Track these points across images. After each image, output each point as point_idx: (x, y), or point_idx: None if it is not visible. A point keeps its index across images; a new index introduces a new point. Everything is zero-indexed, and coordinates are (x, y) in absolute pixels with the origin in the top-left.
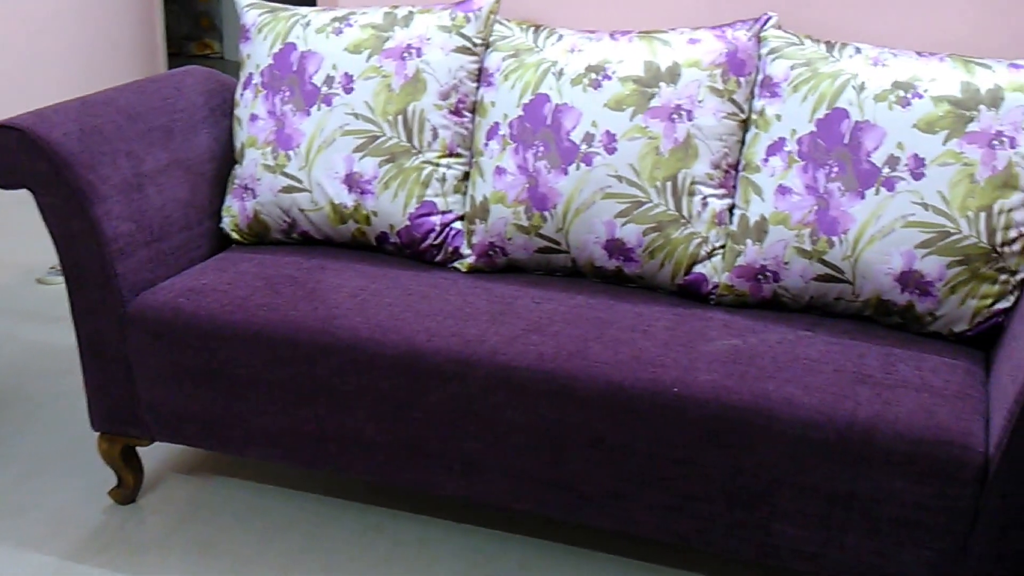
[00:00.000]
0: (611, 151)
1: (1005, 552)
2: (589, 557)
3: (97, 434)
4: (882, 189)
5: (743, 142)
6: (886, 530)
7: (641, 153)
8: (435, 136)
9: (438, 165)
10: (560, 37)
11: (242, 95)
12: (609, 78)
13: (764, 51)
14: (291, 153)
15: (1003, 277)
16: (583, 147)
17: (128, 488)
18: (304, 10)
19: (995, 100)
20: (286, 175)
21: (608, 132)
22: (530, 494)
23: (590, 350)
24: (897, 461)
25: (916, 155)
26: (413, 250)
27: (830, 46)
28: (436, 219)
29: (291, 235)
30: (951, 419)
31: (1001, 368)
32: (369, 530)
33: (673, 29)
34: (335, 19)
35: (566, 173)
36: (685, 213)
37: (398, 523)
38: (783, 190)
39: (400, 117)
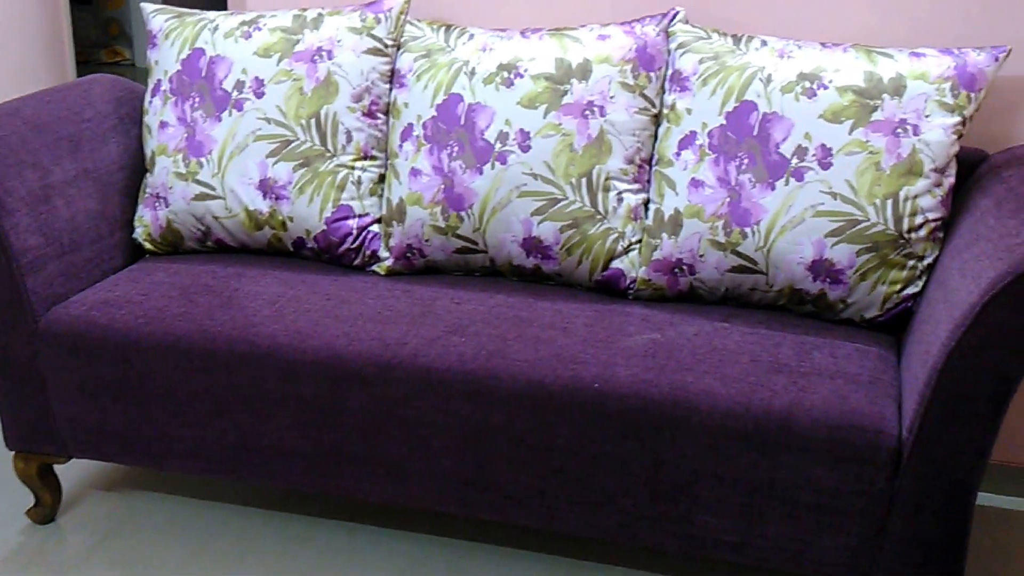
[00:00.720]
0: (525, 149)
1: (921, 533)
2: (516, 556)
3: (12, 453)
4: (792, 180)
5: (656, 137)
6: (806, 516)
7: (555, 150)
8: (349, 139)
9: (353, 168)
10: (471, 36)
11: (151, 102)
12: (521, 76)
13: (673, 46)
14: (203, 160)
15: (911, 263)
16: (497, 146)
17: (46, 507)
18: (212, 14)
19: (898, 89)
20: (198, 182)
21: (522, 130)
22: (455, 496)
23: (510, 349)
24: (814, 448)
25: (823, 145)
26: (331, 255)
27: (737, 39)
28: (353, 223)
29: (206, 243)
30: (865, 404)
31: (911, 352)
32: (295, 540)
33: (583, 26)
34: (243, 23)
35: (481, 173)
36: (601, 209)
37: (324, 531)
38: (696, 183)
39: (313, 121)
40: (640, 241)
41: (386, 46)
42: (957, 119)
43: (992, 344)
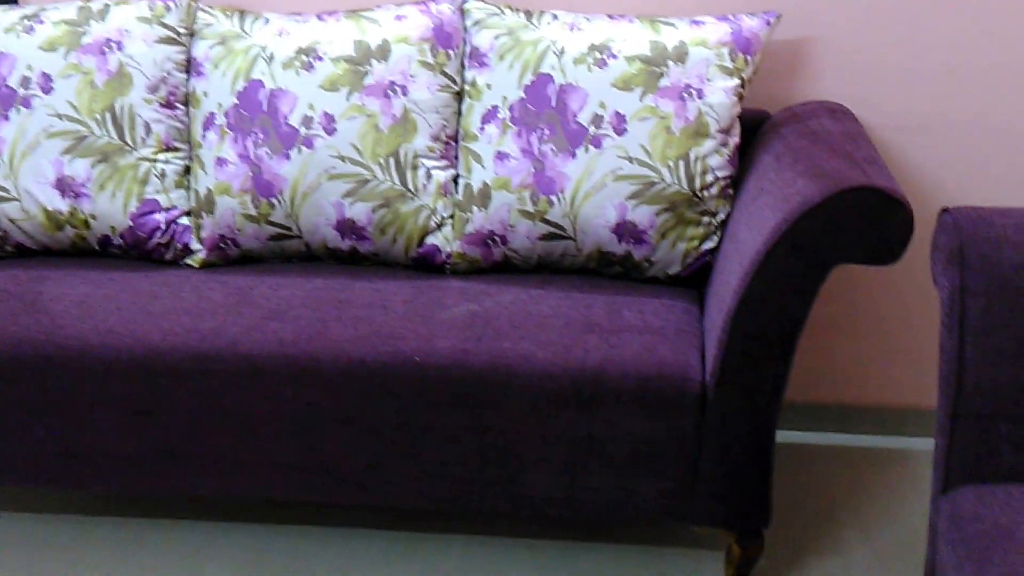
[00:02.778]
0: (331, 132)
1: (729, 472)
2: (356, 536)
3: None
4: (591, 147)
5: (459, 113)
6: (624, 466)
7: (361, 132)
8: (148, 131)
9: (155, 161)
10: (267, 21)
11: None
12: (321, 59)
13: (469, 23)
14: None
15: (706, 219)
16: (303, 130)
17: None
18: None
19: (681, 55)
20: None
21: (326, 113)
22: (288, 482)
23: (330, 330)
24: (626, 400)
25: (617, 112)
26: (140, 251)
27: (529, 14)
28: (160, 216)
29: (4, 248)
30: (671, 355)
31: (711, 303)
32: (130, 544)
33: (379, 7)
34: (24, 17)
35: (288, 158)
36: (411, 187)
37: (160, 532)
38: (501, 156)
39: (108, 114)
40: (452, 216)
41: (179, 34)
42: (736, 81)
43: (777, 288)
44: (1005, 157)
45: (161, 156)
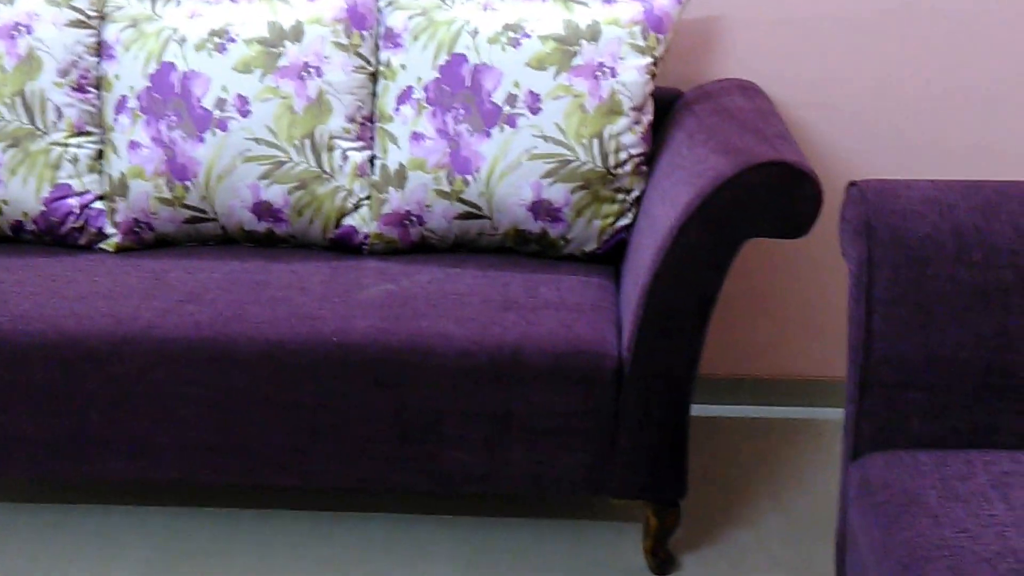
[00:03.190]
0: (245, 114)
1: (646, 445)
2: (277, 517)
3: None
4: (506, 126)
5: (375, 94)
6: (544, 442)
7: (276, 113)
8: (59, 115)
9: (67, 145)
10: (179, 3)
11: None
12: (234, 41)
13: (382, 3)
14: None
15: (620, 196)
16: (217, 113)
17: None
18: None
19: (594, 34)
20: None
21: (240, 95)
22: (208, 464)
23: (248, 312)
24: (544, 376)
25: (531, 92)
26: (53, 236)
27: None
28: (74, 201)
29: None
30: (587, 330)
31: (627, 279)
32: (47, 529)
33: None
34: None
35: (202, 141)
36: (327, 168)
37: (76, 517)
38: (417, 136)
39: (18, 99)
40: (369, 197)
41: (89, 17)
42: (649, 60)
43: (691, 262)
44: (912, 131)
45: (73, 140)
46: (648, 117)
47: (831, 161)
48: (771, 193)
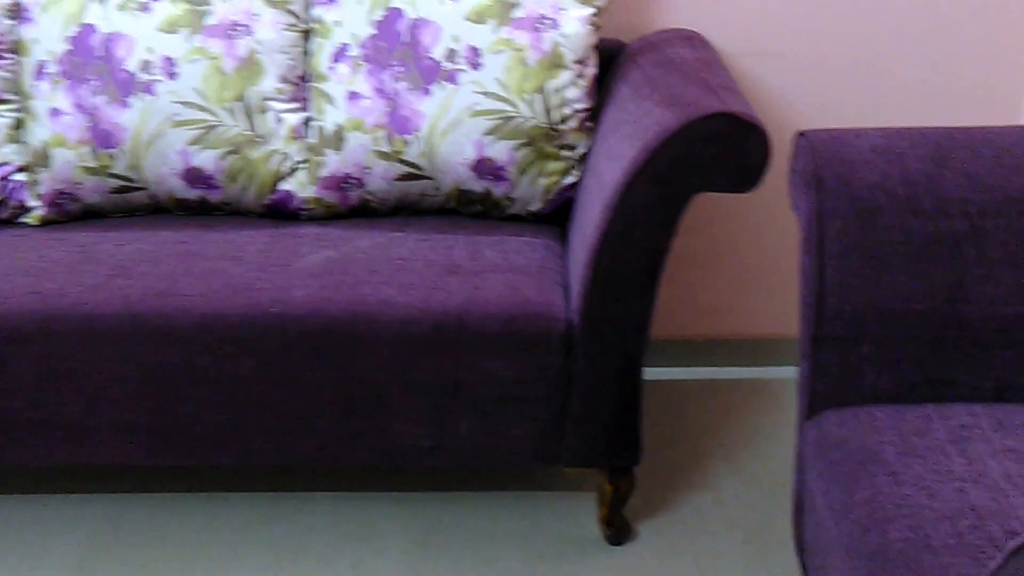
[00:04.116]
0: (172, 76)
1: (598, 411)
2: (217, 499)
3: None
4: (446, 83)
5: (308, 52)
6: (493, 410)
7: (204, 75)
8: None
9: None
10: None
11: None
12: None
13: None
14: None
15: (565, 153)
16: (142, 76)
17: None
18: None
19: None
20: None
21: (166, 57)
22: (143, 446)
23: (180, 285)
24: (491, 342)
25: (471, 46)
26: None
27: None
28: None
29: None
30: (534, 294)
31: (574, 239)
32: None
33: None
34: None
35: (128, 105)
36: (260, 132)
37: (5, 508)
38: (354, 96)
39: None
40: (306, 160)
41: None
42: (591, 11)
43: (639, 220)
44: (858, 79)
45: None
46: (592, 70)
47: (778, 111)
48: (719, 146)
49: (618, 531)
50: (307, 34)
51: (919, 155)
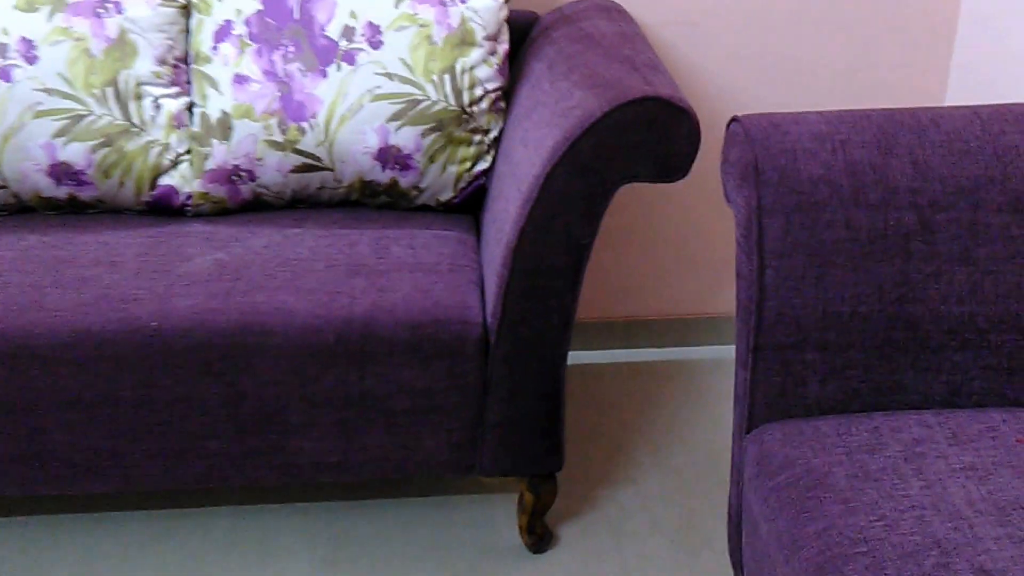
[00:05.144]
0: (32, 61)
1: (518, 416)
2: (108, 520)
3: None
4: (343, 64)
5: (188, 31)
6: (404, 422)
7: (70, 58)
8: None
9: None
10: None
11: None
12: None
13: None
14: None
15: (477, 138)
16: None
17: None
18: None
19: None
20: None
21: (24, 39)
22: (12, 475)
23: (47, 297)
24: (400, 350)
25: (371, 23)
26: None
27: None
28: None
29: None
30: (447, 295)
31: (489, 232)
32: None
33: None
34: None
35: None
36: (136, 121)
37: None
38: (240, 79)
39: None
40: (189, 151)
41: None
42: None
43: (560, 213)
44: (793, 50)
45: None
46: (504, 46)
47: (704, 87)
48: (646, 133)
49: (540, 538)
50: (186, 10)
51: (864, 142)
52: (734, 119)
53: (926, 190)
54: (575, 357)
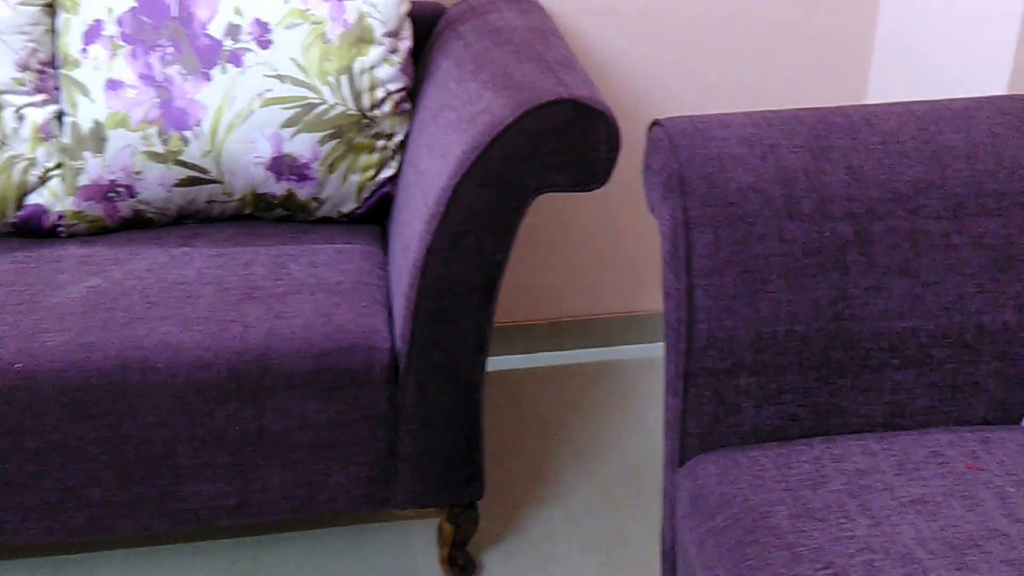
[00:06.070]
0: None
1: (433, 444)
2: None
3: None
4: (229, 66)
5: (54, 31)
6: (308, 459)
7: None
8: None
9: None
10: None
11: None
12: None
13: None
14: None
15: (380, 143)
16: None
17: None
18: None
19: None
20: None
21: None
22: None
23: None
24: (301, 382)
25: (259, 20)
26: None
27: None
28: None
29: None
30: (351, 319)
31: (396, 246)
32: None
33: None
34: None
35: None
36: None
37: None
38: (114, 84)
39: None
40: (59, 166)
41: None
42: None
43: (470, 228)
44: (716, 39)
45: None
46: (406, 43)
47: (621, 83)
48: (561, 140)
49: (462, 570)
50: (51, 8)
51: (795, 146)
52: (656, 123)
53: (862, 197)
54: (496, 363)
